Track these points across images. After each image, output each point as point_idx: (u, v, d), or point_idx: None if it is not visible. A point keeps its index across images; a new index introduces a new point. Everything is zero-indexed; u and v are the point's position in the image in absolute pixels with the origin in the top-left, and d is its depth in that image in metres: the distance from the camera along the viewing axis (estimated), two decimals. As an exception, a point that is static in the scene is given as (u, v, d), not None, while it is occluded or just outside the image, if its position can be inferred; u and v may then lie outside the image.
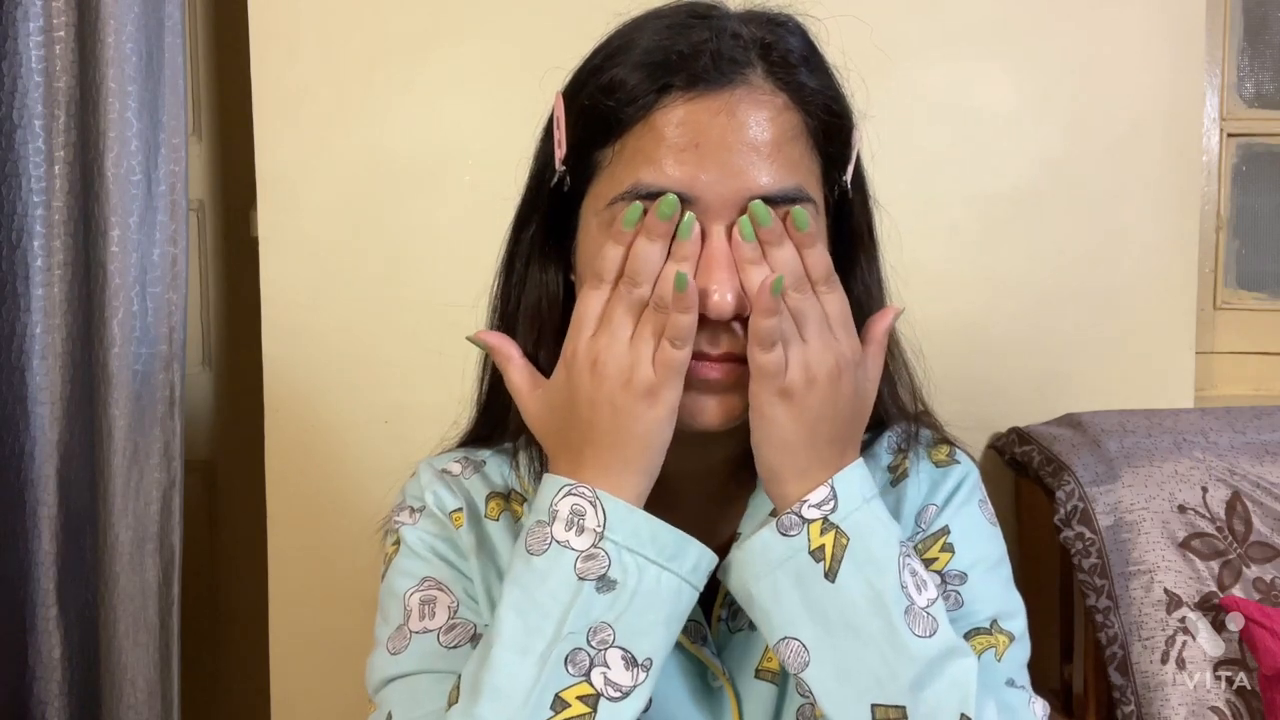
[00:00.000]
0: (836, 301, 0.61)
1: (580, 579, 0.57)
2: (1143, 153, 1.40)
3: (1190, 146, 1.41)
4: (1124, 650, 1.19)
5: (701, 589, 0.61)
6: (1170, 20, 1.39)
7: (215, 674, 1.66)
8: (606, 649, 0.57)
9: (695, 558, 0.60)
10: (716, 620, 0.69)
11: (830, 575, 0.58)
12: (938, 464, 0.72)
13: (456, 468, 0.74)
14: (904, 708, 0.57)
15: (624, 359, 0.59)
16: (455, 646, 0.67)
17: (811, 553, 0.58)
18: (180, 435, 1.33)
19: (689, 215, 0.59)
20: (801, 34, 0.66)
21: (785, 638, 0.59)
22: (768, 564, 0.59)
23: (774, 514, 0.62)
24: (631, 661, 0.58)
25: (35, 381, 1.26)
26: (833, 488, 0.59)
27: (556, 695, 0.57)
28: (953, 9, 1.37)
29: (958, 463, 0.74)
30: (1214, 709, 1.15)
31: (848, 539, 0.58)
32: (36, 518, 1.27)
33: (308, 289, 1.36)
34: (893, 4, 1.36)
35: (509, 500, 0.72)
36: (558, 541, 0.58)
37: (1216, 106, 1.53)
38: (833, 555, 0.58)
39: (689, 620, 0.67)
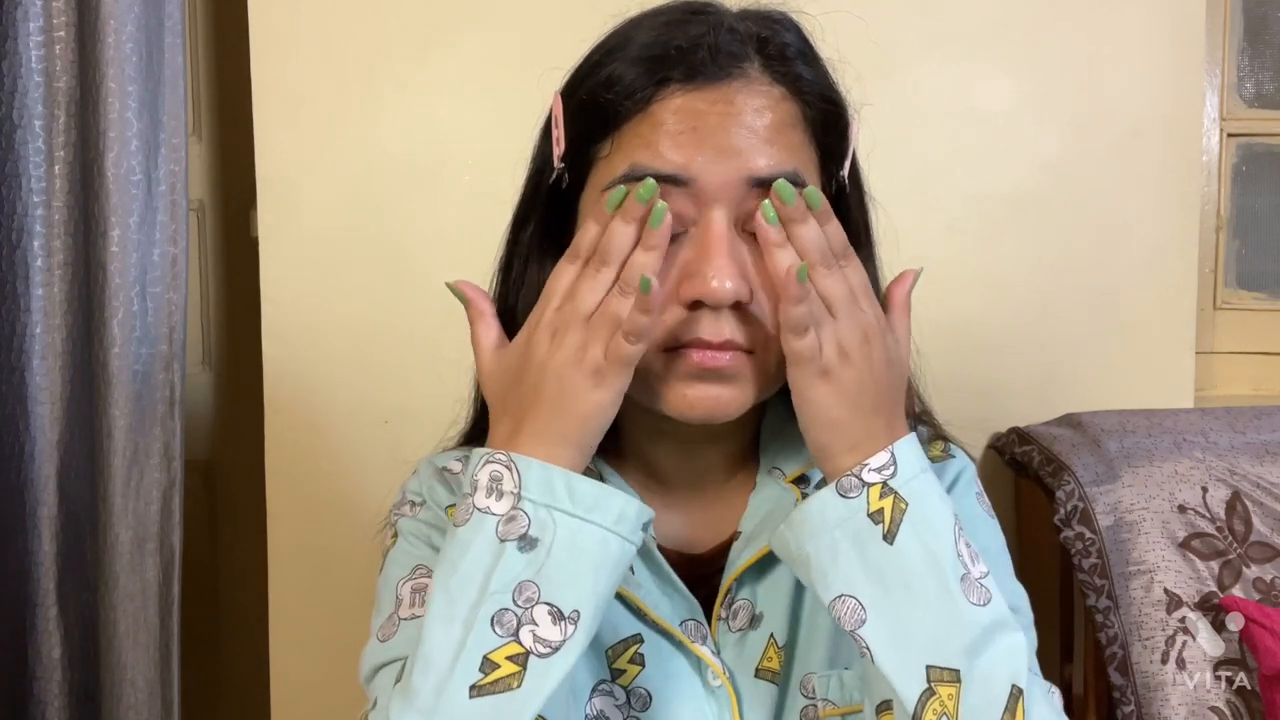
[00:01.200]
0: (857, 272, 0.61)
1: (502, 541, 0.57)
2: (1143, 153, 1.40)
3: (1190, 146, 1.41)
4: (1124, 650, 1.19)
5: (636, 541, 0.60)
6: (1170, 20, 1.39)
7: (215, 674, 1.66)
8: (533, 606, 0.57)
9: (619, 508, 0.59)
10: (716, 620, 0.68)
11: (889, 538, 0.58)
12: (933, 459, 0.72)
13: (456, 466, 0.74)
14: (958, 671, 0.57)
15: (579, 335, 0.59)
16: None
17: (870, 515, 0.58)
18: (180, 435, 1.33)
19: (660, 205, 0.58)
20: (796, 30, 0.67)
21: (841, 595, 0.58)
22: (825, 524, 0.59)
23: (820, 485, 0.62)
24: (559, 615, 0.57)
25: (35, 381, 1.26)
26: (893, 454, 0.59)
27: (485, 657, 0.56)
28: (952, 9, 1.37)
29: (953, 457, 0.74)
30: (1214, 709, 1.15)
31: (906, 504, 0.58)
32: (36, 518, 1.27)
33: (308, 289, 1.36)
34: (893, 4, 1.36)
35: None
36: (479, 509, 0.58)
37: (1216, 106, 1.53)
38: (891, 519, 0.58)
39: (689, 619, 0.67)
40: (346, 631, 1.35)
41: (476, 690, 0.56)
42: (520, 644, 0.57)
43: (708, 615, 0.69)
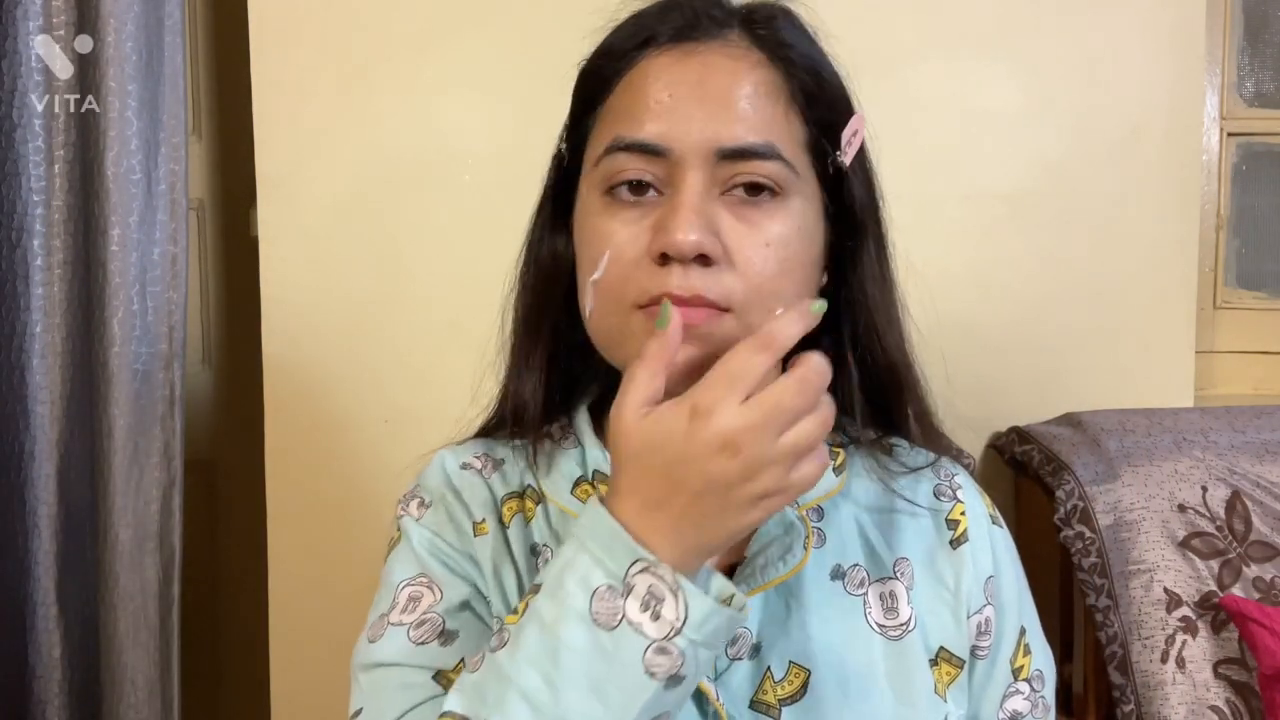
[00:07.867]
0: None
1: (649, 674, 0.54)
2: (1143, 152, 1.40)
3: (1190, 146, 1.41)
4: (1124, 649, 1.19)
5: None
6: (1170, 20, 1.39)
7: (215, 674, 1.66)
8: None
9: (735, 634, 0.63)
10: None
11: None
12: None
13: (478, 464, 0.72)
14: None
15: (764, 457, 0.55)
16: (423, 643, 0.66)
17: None
18: (180, 434, 1.33)
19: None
20: (785, 10, 0.67)
21: None
22: None
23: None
24: None
25: (35, 380, 1.26)
26: None
27: None
28: (953, 9, 1.37)
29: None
30: (1214, 708, 1.15)
31: None
32: (36, 517, 1.27)
33: (308, 289, 1.36)
34: (893, 4, 1.36)
35: (524, 498, 0.71)
36: (630, 622, 0.53)
37: (1216, 106, 1.53)
38: None
39: None
40: (346, 631, 1.35)
41: None
42: None
43: None
